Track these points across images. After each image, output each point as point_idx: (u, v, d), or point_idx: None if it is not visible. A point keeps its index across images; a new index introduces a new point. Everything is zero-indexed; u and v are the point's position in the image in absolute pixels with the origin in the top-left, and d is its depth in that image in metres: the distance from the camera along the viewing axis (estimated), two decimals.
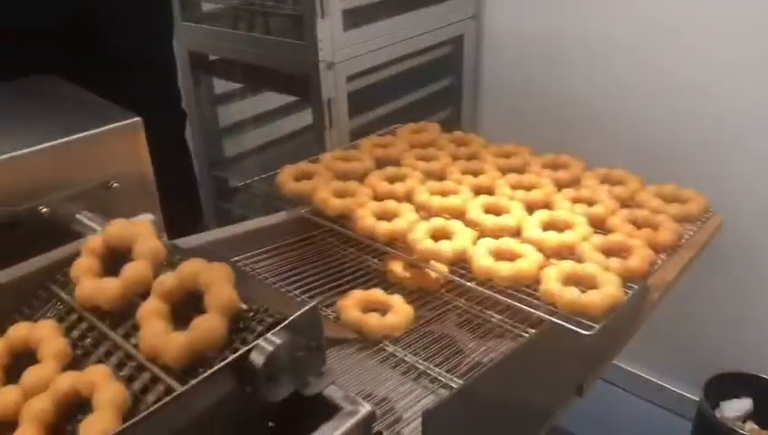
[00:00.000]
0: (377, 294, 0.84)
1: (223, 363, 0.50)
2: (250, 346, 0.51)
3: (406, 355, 0.77)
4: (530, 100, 1.75)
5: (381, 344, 0.79)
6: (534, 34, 1.69)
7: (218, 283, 0.55)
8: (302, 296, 0.88)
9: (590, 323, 0.73)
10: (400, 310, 0.81)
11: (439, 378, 0.74)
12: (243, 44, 1.52)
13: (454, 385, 0.72)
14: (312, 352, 0.54)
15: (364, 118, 1.60)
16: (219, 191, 1.82)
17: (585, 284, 0.78)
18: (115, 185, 0.75)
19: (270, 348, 0.50)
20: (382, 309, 0.82)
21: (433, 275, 0.88)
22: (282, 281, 0.91)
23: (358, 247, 0.99)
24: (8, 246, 0.67)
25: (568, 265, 0.79)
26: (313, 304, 0.55)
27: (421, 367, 0.75)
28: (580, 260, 0.82)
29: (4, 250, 0.66)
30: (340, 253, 1.00)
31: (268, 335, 0.51)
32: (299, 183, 1.02)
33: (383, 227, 0.90)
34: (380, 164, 1.09)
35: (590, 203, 0.94)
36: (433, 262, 0.87)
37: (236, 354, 0.50)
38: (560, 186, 1.00)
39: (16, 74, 0.89)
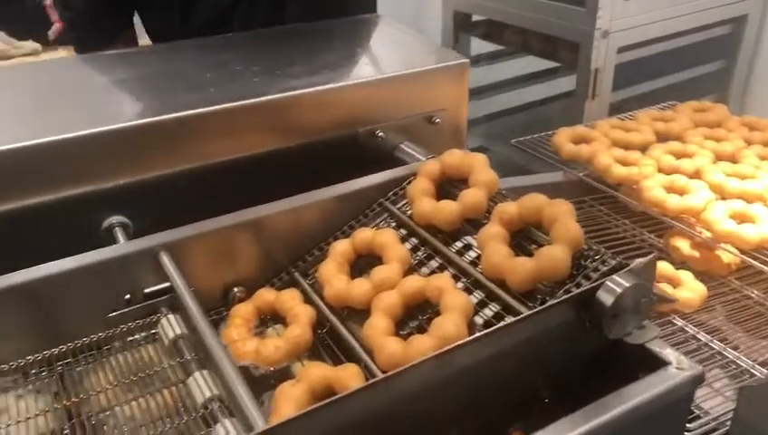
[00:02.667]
0: (665, 266, 0.82)
1: (572, 294, 0.52)
2: (598, 283, 0.52)
3: (698, 332, 0.75)
4: None
5: (669, 317, 0.77)
6: None
7: (564, 218, 0.57)
8: None
9: None
10: (694, 287, 0.78)
11: (738, 362, 0.70)
12: (513, 6, 1.53)
13: (757, 373, 0.68)
14: (645, 301, 0.55)
15: (623, 92, 1.55)
16: None
17: None
18: (437, 120, 0.81)
19: (619, 289, 0.52)
20: (670, 284, 0.80)
21: (727, 258, 0.84)
22: None
23: (632, 219, 0.97)
24: (347, 164, 0.75)
25: None
26: (653, 255, 0.55)
27: (716, 347, 0.73)
28: None
29: (345, 166, 0.75)
30: (612, 222, 0.98)
31: (615, 276, 0.53)
32: (578, 146, 1.02)
33: (674, 201, 0.86)
34: (660, 138, 1.05)
35: None
36: (724, 245, 0.82)
37: (584, 288, 0.52)
38: None
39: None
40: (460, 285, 0.60)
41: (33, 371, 0.59)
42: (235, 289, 0.67)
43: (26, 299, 0.59)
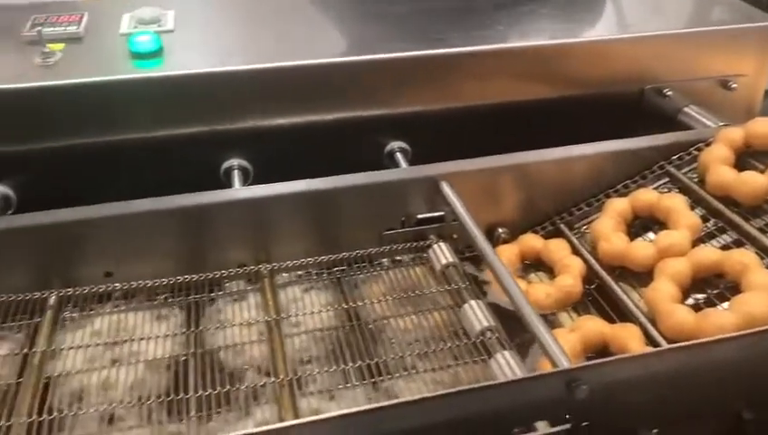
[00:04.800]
0: None
1: None
2: None
3: None
4: None
5: None
6: None
7: None
8: None
9: None
10: None
11: None
12: None
13: None
14: None
15: None
16: None
17: None
18: (734, 86, 0.74)
19: None
20: None
21: None
22: None
23: None
24: (621, 121, 0.71)
25: None
26: None
27: None
28: None
29: (619, 123, 0.71)
30: None
31: None
32: None
33: None
34: None
35: None
36: None
37: None
38: None
39: None
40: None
41: (315, 271, 0.64)
42: (500, 230, 0.68)
43: (314, 206, 0.64)
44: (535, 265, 0.66)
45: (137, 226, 0.60)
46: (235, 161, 0.67)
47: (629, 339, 0.53)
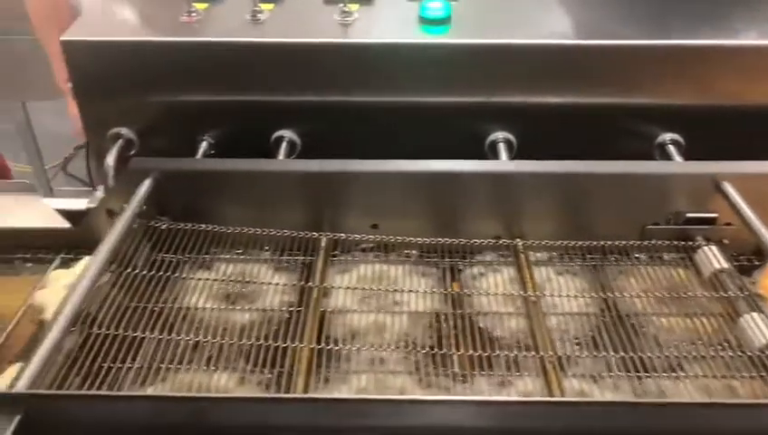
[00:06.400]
0: None
1: None
2: None
3: None
4: None
5: None
6: None
7: None
8: None
9: None
10: None
11: None
12: None
13: None
14: None
15: None
16: None
17: None
18: None
19: None
20: None
21: None
22: None
23: None
24: None
25: None
26: None
27: None
28: None
29: None
30: None
31: None
32: None
33: None
34: None
35: None
36: None
37: None
38: None
39: None
40: None
41: (569, 255, 0.63)
42: None
43: (573, 189, 0.63)
44: None
45: (401, 185, 0.63)
46: (500, 134, 0.68)
47: None
